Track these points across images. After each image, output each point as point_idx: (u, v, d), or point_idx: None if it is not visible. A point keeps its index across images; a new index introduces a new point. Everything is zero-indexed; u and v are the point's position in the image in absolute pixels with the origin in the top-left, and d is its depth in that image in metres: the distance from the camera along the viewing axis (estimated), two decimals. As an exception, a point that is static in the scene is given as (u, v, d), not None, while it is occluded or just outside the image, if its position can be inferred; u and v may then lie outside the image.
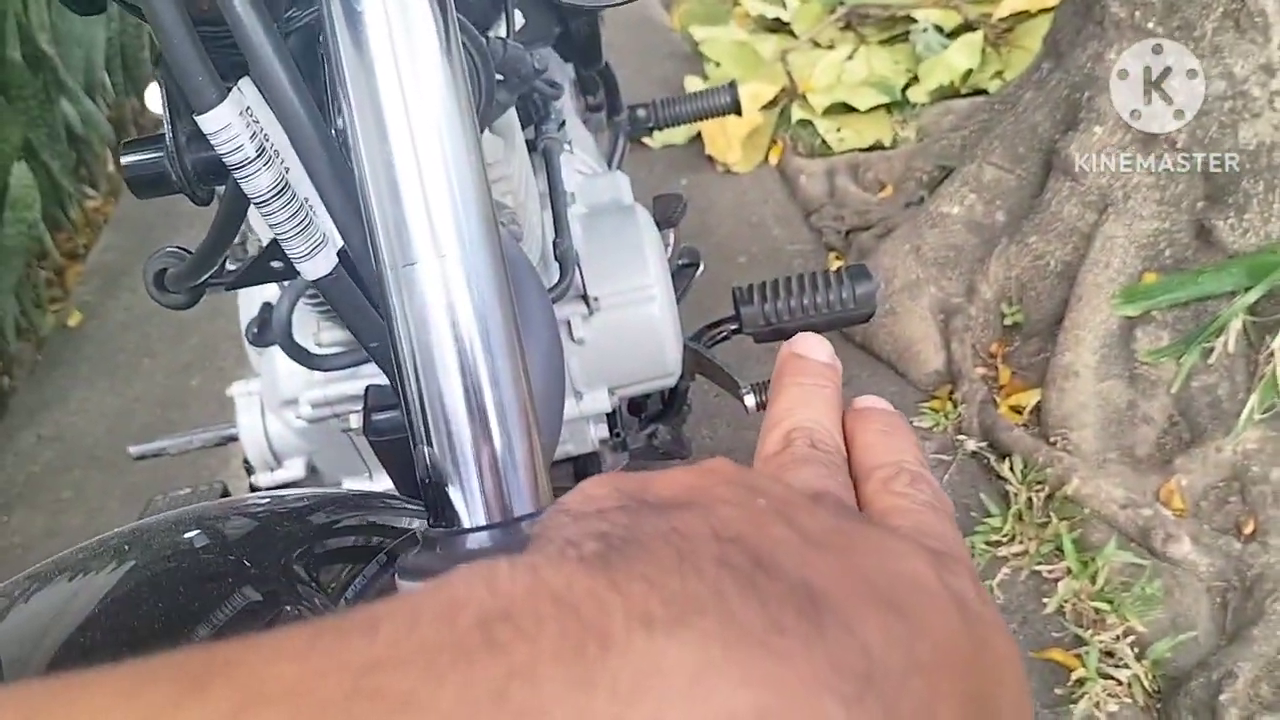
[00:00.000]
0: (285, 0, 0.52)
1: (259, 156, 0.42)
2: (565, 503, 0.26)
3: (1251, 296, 1.76)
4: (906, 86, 3.02)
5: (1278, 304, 1.76)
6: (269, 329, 1.08)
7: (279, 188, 0.44)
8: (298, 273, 0.79)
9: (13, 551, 2.10)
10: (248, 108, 0.42)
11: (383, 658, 0.17)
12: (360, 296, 0.49)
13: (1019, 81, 2.38)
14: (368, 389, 1.01)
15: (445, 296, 0.38)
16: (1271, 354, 1.71)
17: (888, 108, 2.96)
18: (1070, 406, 1.86)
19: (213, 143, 0.41)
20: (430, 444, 0.39)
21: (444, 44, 0.38)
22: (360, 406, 1.12)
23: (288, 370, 1.14)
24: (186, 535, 0.48)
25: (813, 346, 0.38)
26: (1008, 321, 2.09)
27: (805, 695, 0.18)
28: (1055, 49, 2.20)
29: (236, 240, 1.28)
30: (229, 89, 0.41)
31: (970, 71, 2.97)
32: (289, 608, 0.41)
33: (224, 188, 0.59)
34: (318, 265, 0.46)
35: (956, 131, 2.55)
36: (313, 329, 1.11)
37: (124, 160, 0.64)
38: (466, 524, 0.38)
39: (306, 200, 0.46)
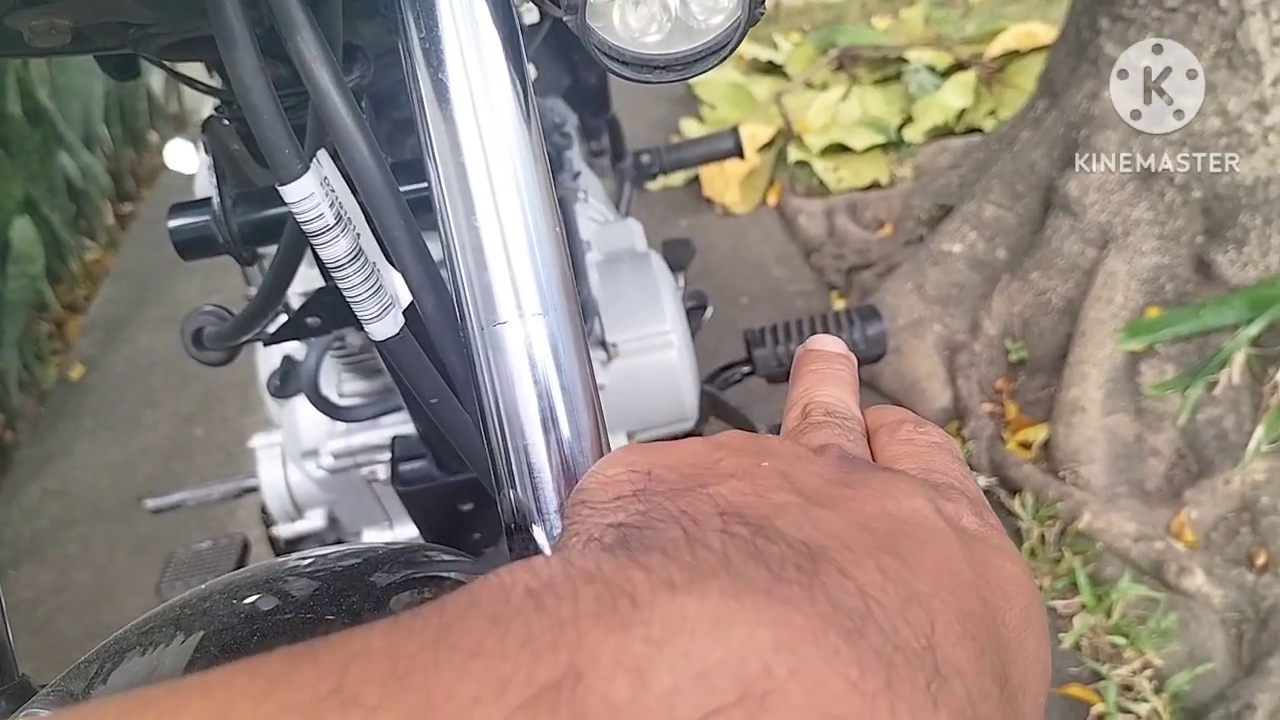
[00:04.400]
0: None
1: (338, 224, 0.44)
2: (585, 489, 0.29)
3: (1254, 329, 1.78)
4: (901, 126, 3.06)
5: (1280, 336, 1.78)
6: (290, 381, 1.09)
7: (354, 253, 0.45)
8: (332, 328, 0.80)
9: (20, 607, 2.08)
10: (325, 178, 0.44)
11: (453, 623, 0.20)
12: (422, 355, 0.50)
13: (1014, 120, 2.41)
14: (394, 440, 1.03)
15: (529, 352, 0.40)
16: (1275, 385, 1.73)
17: (883, 147, 3.00)
18: (1078, 441, 1.88)
19: (295, 212, 0.43)
20: (515, 488, 0.41)
21: (523, 116, 0.40)
22: (381, 456, 1.13)
23: (309, 422, 1.15)
24: (250, 599, 0.48)
25: (826, 341, 0.41)
26: (1012, 357, 2.11)
27: (811, 631, 0.21)
28: (1050, 88, 2.23)
29: (255, 292, 1.30)
30: (313, 161, 0.42)
31: (964, 110, 3.02)
32: None
33: (275, 252, 0.60)
34: (386, 326, 0.47)
35: (953, 170, 2.59)
36: (335, 381, 1.12)
37: (171, 224, 0.66)
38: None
39: (375, 265, 0.47)
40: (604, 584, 0.21)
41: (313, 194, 0.42)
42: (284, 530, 1.22)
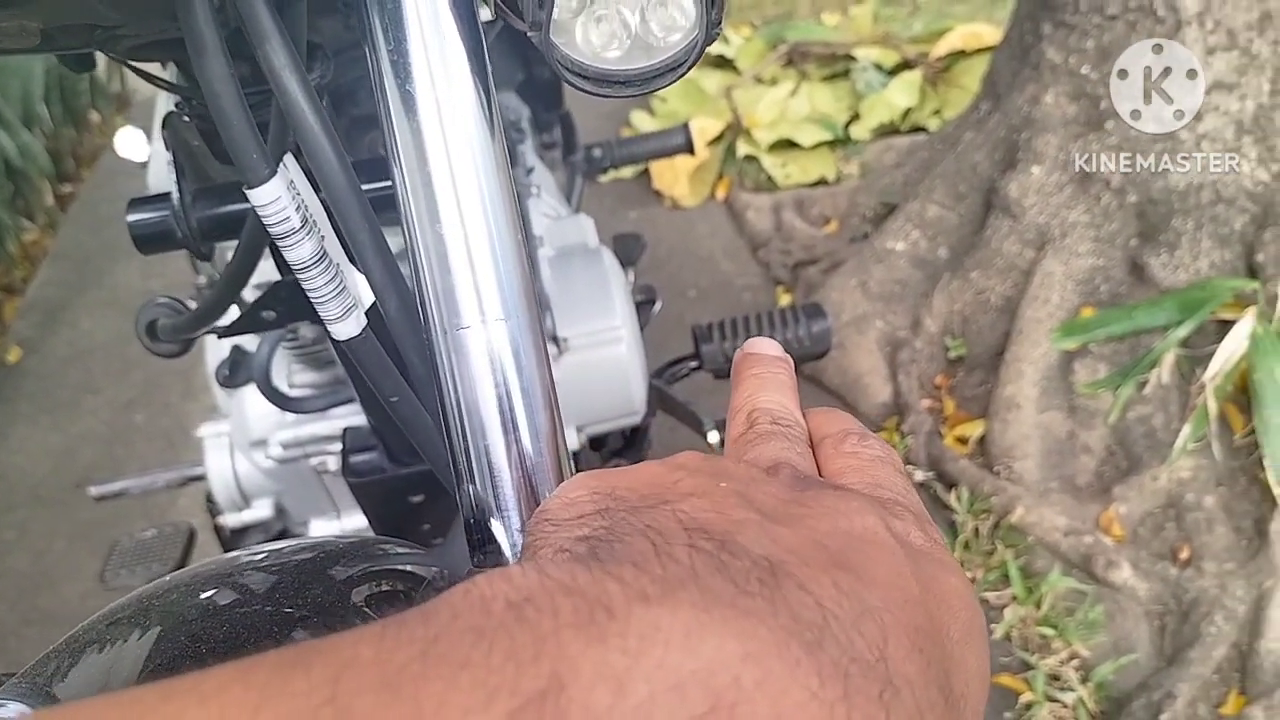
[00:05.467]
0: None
1: (303, 226, 0.45)
2: (548, 510, 0.30)
3: (1183, 331, 1.84)
4: (848, 123, 3.10)
5: (1208, 338, 1.83)
6: (240, 371, 1.09)
7: (319, 255, 0.46)
8: (288, 322, 0.81)
9: (-45, 594, 2.05)
10: (291, 181, 0.45)
11: (439, 635, 0.21)
12: (383, 354, 0.51)
13: (958, 121, 2.46)
14: (345, 431, 1.04)
15: (491, 356, 0.41)
16: (1203, 385, 1.79)
17: (831, 144, 3.03)
18: (1013, 437, 1.92)
19: (262, 215, 0.44)
20: (475, 484, 0.42)
21: (488, 127, 0.41)
22: (329, 447, 1.14)
23: (258, 412, 1.15)
24: (213, 593, 0.49)
25: (764, 345, 0.42)
26: (952, 354, 2.16)
27: (775, 642, 0.22)
28: (993, 90, 2.28)
29: (204, 281, 1.29)
30: (279, 165, 0.43)
31: (910, 109, 3.06)
32: None
33: (234, 247, 0.61)
34: (349, 326, 0.48)
35: (899, 168, 2.63)
36: (285, 372, 1.12)
37: (129, 218, 0.66)
38: (507, 553, 0.41)
39: (339, 266, 0.48)
40: (581, 596, 0.22)
41: (280, 197, 0.43)
42: (230, 519, 1.22)
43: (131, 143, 1.17)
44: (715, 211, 2.97)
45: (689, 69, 0.44)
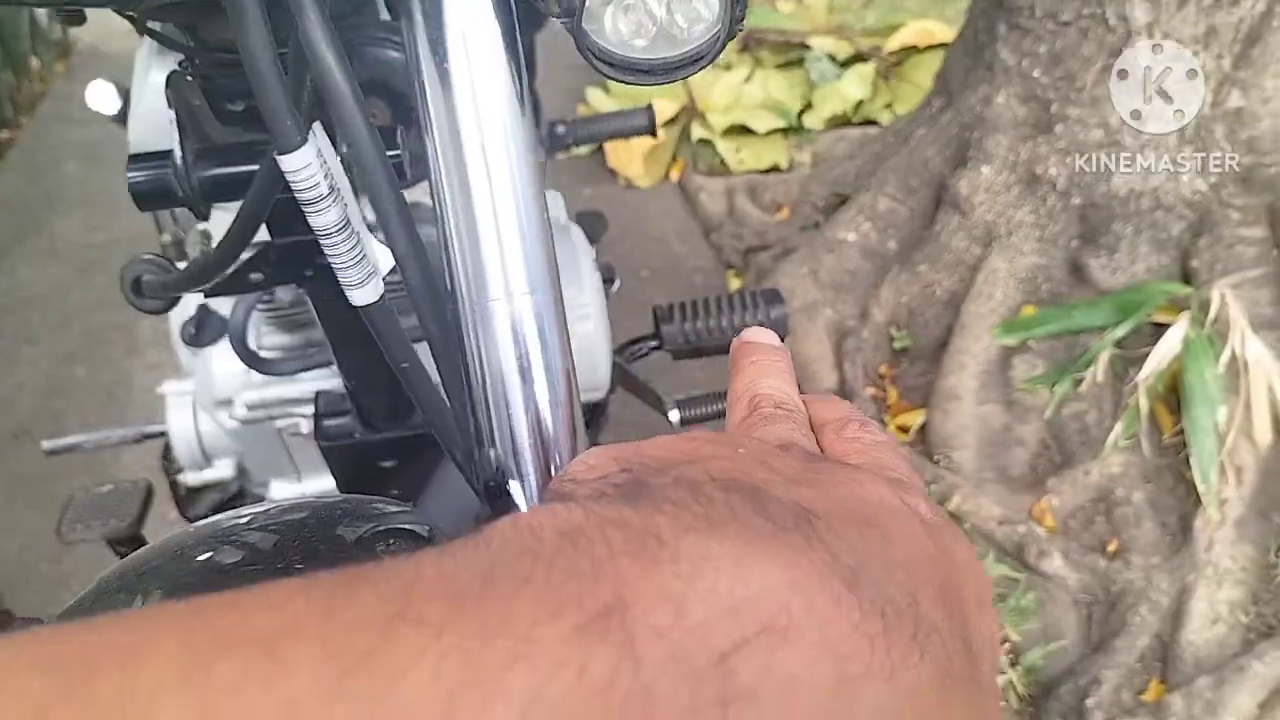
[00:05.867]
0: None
1: (330, 194, 0.46)
2: (570, 472, 0.31)
3: (1119, 331, 1.91)
4: (802, 112, 3.13)
5: (1143, 339, 1.90)
6: (206, 330, 1.09)
7: (343, 223, 0.47)
8: (274, 284, 0.82)
9: (-115, 544, 2.01)
10: (319, 149, 0.46)
11: (498, 558, 0.22)
12: (398, 321, 0.52)
13: (911, 116, 2.51)
14: (318, 395, 1.04)
15: (516, 327, 0.43)
16: (1135, 385, 1.86)
17: (784, 131, 3.07)
18: (952, 428, 1.98)
19: (291, 181, 0.45)
20: (495, 447, 0.44)
21: (520, 106, 0.43)
22: (296, 410, 1.14)
23: (224, 371, 1.15)
24: (213, 554, 0.50)
25: (761, 334, 0.44)
26: (897, 345, 2.21)
27: (818, 575, 0.23)
28: (946, 88, 2.33)
29: (169, 240, 1.28)
30: (310, 132, 0.44)
31: (862, 101, 3.11)
32: None
33: (239, 210, 0.62)
34: (367, 293, 0.49)
35: (850, 160, 2.67)
36: (255, 334, 1.12)
37: (130, 174, 0.67)
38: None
39: (360, 233, 0.49)
40: (629, 527, 0.23)
41: (310, 164, 0.45)
42: (190, 478, 1.22)
43: (102, 95, 1.17)
44: (669, 193, 2.99)
45: (711, 61, 0.47)
